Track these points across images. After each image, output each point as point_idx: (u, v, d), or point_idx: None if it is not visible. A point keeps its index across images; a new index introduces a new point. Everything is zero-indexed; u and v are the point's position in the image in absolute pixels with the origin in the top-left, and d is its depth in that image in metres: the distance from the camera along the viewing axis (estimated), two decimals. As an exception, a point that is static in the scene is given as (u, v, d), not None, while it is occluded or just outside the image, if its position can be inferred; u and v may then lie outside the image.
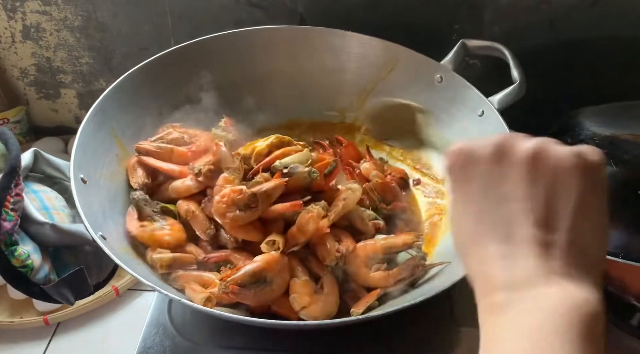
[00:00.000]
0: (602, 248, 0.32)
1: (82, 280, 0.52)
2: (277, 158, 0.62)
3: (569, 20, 0.82)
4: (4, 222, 0.47)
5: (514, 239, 0.31)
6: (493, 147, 0.33)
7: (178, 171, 0.65)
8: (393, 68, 0.78)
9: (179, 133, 0.69)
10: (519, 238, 0.31)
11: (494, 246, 0.31)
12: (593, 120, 0.67)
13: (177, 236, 0.60)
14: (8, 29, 1.04)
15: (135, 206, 0.61)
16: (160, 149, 0.66)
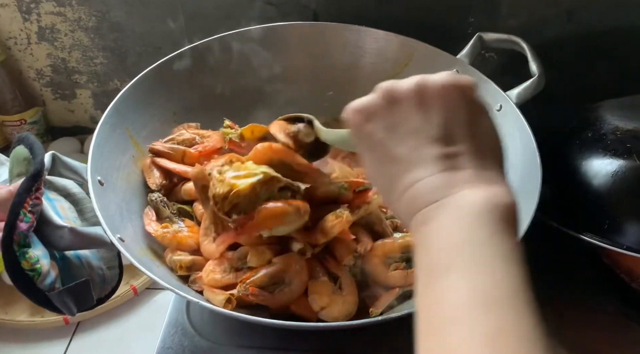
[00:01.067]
0: (498, 155, 0.36)
1: (86, 292, 0.52)
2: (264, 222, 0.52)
3: (587, 11, 0.81)
4: (21, 223, 0.47)
5: (423, 163, 0.34)
6: (381, 97, 0.37)
7: (176, 169, 0.65)
8: (408, 63, 0.77)
9: (190, 134, 0.69)
10: (427, 160, 0.34)
11: (408, 175, 0.35)
12: (615, 113, 0.66)
13: (196, 238, 0.60)
14: (24, 30, 1.05)
15: (154, 207, 0.61)
16: (172, 150, 0.66)
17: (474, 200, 0.32)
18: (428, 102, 0.36)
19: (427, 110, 0.35)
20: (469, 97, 0.36)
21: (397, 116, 0.36)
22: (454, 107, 0.35)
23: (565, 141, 0.68)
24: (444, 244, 0.32)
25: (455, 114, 0.35)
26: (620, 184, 0.60)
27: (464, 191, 0.33)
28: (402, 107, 0.36)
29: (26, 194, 0.48)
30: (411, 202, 0.35)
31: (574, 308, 0.66)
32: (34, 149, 0.53)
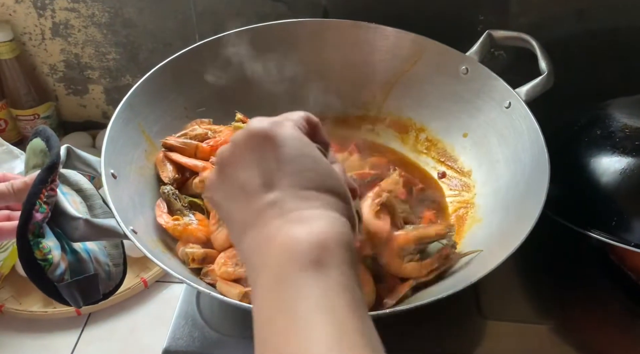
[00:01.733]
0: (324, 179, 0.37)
1: (94, 285, 0.53)
2: None
3: (599, 9, 0.81)
4: (37, 213, 0.48)
5: (253, 220, 0.35)
6: (215, 169, 0.39)
7: (201, 166, 0.66)
8: (417, 60, 0.77)
9: (203, 129, 0.70)
10: (255, 216, 0.35)
11: (246, 236, 0.36)
12: (624, 111, 0.66)
13: (207, 231, 0.61)
14: (38, 26, 1.06)
15: (165, 199, 0.62)
16: (185, 145, 0.67)
17: (287, 252, 0.33)
18: (241, 159, 0.37)
19: (243, 167, 0.37)
20: (272, 136, 0.36)
21: (227, 181, 0.38)
22: (261, 151, 0.36)
23: (574, 139, 0.68)
24: (265, 310, 0.32)
25: (264, 157, 0.36)
26: (628, 181, 0.60)
27: (279, 241, 0.33)
28: (228, 172, 0.38)
29: (42, 185, 0.49)
30: (250, 261, 0.35)
31: (581, 305, 0.66)
32: (51, 141, 0.54)
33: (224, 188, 0.38)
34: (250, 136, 0.37)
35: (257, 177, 0.36)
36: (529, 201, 0.59)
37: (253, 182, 0.36)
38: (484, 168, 0.72)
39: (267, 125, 0.37)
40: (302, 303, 0.30)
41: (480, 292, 0.64)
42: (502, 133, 0.70)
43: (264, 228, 0.35)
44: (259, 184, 0.36)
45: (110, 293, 0.57)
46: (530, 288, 0.67)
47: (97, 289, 0.54)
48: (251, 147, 0.37)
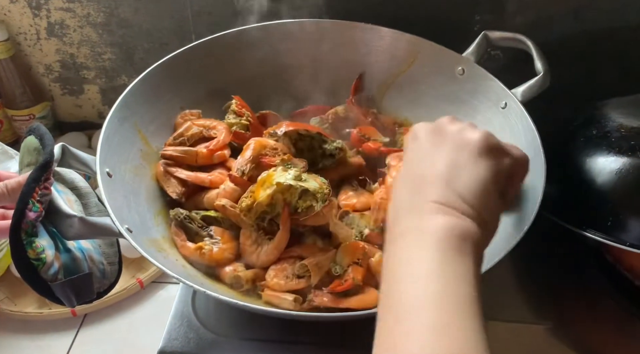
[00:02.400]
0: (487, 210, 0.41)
1: (88, 285, 0.53)
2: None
3: (594, 10, 0.81)
4: (30, 212, 0.48)
5: (421, 192, 0.41)
6: (433, 123, 0.46)
7: (209, 180, 0.65)
8: (414, 61, 0.77)
9: (197, 127, 0.69)
10: (425, 191, 0.41)
11: (408, 195, 0.42)
12: (620, 111, 0.66)
13: (232, 245, 0.60)
14: (33, 26, 1.06)
15: (180, 226, 0.61)
16: (186, 154, 0.67)
17: (435, 228, 0.38)
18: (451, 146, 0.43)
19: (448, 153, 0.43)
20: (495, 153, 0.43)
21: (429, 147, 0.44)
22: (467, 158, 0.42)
23: (570, 139, 0.68)
24: (405, 258, 0.37)
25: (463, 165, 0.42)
26: (624, 181, 0.60)
27: (433, 220, 0.39)
28: (442, 138, 0.44)
29: (35, 184, 0.49)
30: (395, 217, 0.41)
31: (577, 304, 0.66)
32: (45, 139, 0.53)
33: (427, 148, 0.44)
34: (479, 145, 0.42)
35: (449, 171, 0.41)
36: (526, 201, 0.59)
37: (444, 171, 0.41)
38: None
39: (495, 149, 0.43)
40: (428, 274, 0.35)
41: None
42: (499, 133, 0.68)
43: (425, 204, 0.40)
44: (445, 177, 0.41)
45: (105, 291, 0.57)
46: (527, 287, 0.67)
47: (91, 288, 0.53)
48: (469, 151, 0.42)
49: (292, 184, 0.56)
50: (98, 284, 0.55)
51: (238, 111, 0.71)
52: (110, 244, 0.59)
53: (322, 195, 0.56)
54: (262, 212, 0.58)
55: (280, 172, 0.58)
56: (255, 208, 0.58)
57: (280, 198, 0.57)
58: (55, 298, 0.51)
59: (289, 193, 0.57)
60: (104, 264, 0.56)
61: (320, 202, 0.56)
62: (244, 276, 0.58)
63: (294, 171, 0.58)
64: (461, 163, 0.41)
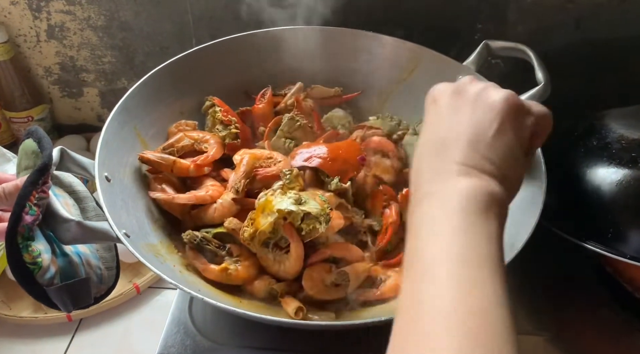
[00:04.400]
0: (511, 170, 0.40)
1: (85, 290, 0.52)
2: None
3: (595, 20, 0.81)
4: (26, 215, 0.48)
5: (444, 154, 0.40)
6: (453, 85, 0.45)
7: (209, 197, 0.62)
8: (414, 69, 0.77)
9: (189, 140, 0.67)
10: (448, 153, 0.40)
11: (431, 159, 0.41)
12: (620, 122, 0.66)
13: (253, 260, 0.59)
14: (33, 28, 1.06)
15: (197, 249, 0.59)
16: (163, 160, 0.64)
17: (462, 190, 0.37)
18: (474, 105, 0.42)
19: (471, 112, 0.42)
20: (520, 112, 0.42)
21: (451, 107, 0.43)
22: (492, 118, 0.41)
23: (570, 149, 0.68)
24: (429, 217, 0.37)
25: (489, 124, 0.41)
26: (624, 193, 0.60)
27: (458, 182, 0.38)
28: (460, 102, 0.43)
29: (32, 187, 0.48)
30: (418, 181, 0.40)
31: (576, 316, 0.66)
32: (43, 142, 0.53)
33: (450, 111, 0.42)
34: (502, 104, 0.41)
35: (473, 131, 0.40)
36: (526, 211, 0.59)
37: (468, 132, 0.40)
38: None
39: (518, 107, 0.42)
40: (454, 236, 0.35)
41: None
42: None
43: (449, 165, 0.39)
44: (469, 138, 0.40)
45: (102, 296, 0.56)
46: (526, 298, 0.67)
47: (89, 293, 0.53)
48: (493, 111, 0.41)
49: (294, 210, 0.55)
50: (95, 289, 0.54)
51: (225, 120, 0.69)
52: (108, 248, 0.59)
53: (325, 216, 0.55)
54: (266, 238, 0.57)
55: (279, 197, 0.57)
56: (258, 236, 0.57)
57: (281, 223, 0.56)
58: (52, 303, 0.50)
59: (291, 218, 0.56)
60: (101, 269, 0.56)
61: (324, 224, 0.55)
62: (279, 288, 0.57)
63: (293, 193, 0.57)
64: (484, 124, 0.40)
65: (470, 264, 0.33)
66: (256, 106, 0.74)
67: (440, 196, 0.38)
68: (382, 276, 0.59)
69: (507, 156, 0.40)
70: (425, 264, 0.34)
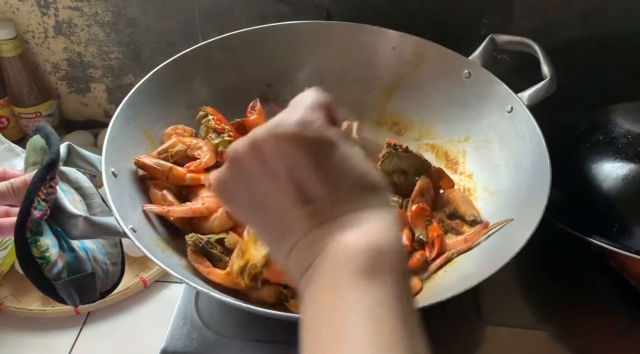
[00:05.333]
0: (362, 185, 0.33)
1: (91, 285, 0.53)
2: None
3: (602, 15, 0.80)
4: (35, 210, 0.48)
5: (290, 229, 0.32)
6: (230, 169, 0.34)
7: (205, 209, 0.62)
8: (420, 63, 0.77)
9: (182, 145, 0.67)
10: (293, 225, 0.32)
11: (283, 244, 0.33)
12: (626, 117, 0.66)
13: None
14: (41, 24, 1.06)
15: (204, 253, 0.58)
16: (158, 166, 0.64)
17: (340, 258, 0.31)
18: (268, 163, 0.32)
19: (270, 172, 0.32)
20: (304, 141, 0.32)
21: (249, 186, 0.33)
22: (293, 158, 0.32)
23: (576, 144, 0.68)
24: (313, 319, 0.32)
25: (297, 165, 0.32)
26: (630, 187, 0.60)
27: (330, 247, 0.31)
28: (247, 179, 0.33)
29: (41, 183, 0.49)
30: (294, 267, 0.33)
31: (581, 311, 0.66)
32: (51, 138, 0.53)
33: (243, 197, 0.34)
34: (277, 141, 0.32)
35: (289, 190, 0.32)
36: (530, 206, 0.59)
37: (285, 196, 0.32)
38: (485, 172, 0.71)
39: (295, 127, 0.32)
40: (351, 314, 0.29)
41: (480, 296, 0.64)
42: (504, 137, 0.70)
43: (306, 237, 0.32)
44: (293, 198, 0.32)
45: (107, 292, 0.56)
46: (530, 293, 0.67)
47: (95, 288, 0.53)
48: (278, 154, 0.32)
49: None
50: (101, 284, 0.55)
51: (219, 128, 0.69)
52: (113, 244, 0.59)
53: None
54: (257, 273, 0.54)
55: None
56: (248, 270, 0.53)
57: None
58: (59, 297, 0.51)
59: None
60: (107, 264, 0.56)
61: None
62: (288, 292, 0.57)
63: None
64: (293, 168, 0.32)
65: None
66: (248, 118, 0.73)
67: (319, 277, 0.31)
68: None
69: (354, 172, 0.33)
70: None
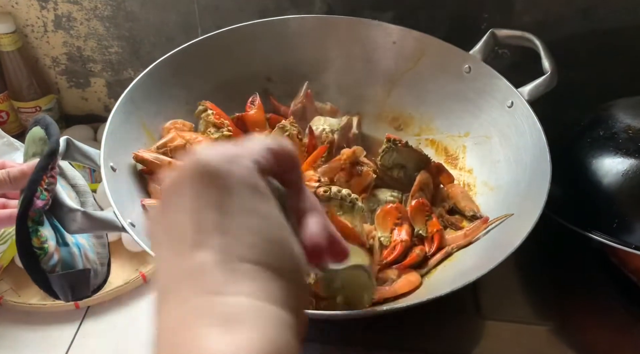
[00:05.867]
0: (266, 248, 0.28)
1: (85, 281, 0.53)
2: None
3: (603, 9, 0.80)
4: (37, 200, 0.48)
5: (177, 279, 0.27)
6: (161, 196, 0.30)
7: None
8: (420, 58, 0.77)
9: (182, 140, 0.67)
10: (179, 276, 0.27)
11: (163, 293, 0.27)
12: (627, 112, 0.65)
13: None
14: (40, 18, 1.06)
15: None
16: (158, 161, 0.64)
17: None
18: (180, 197, 0.28)
19: (180, 208, 0.28)
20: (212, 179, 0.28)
21: (164, 219, 0.29)
22: (200, 196, 0.28)
23: (577, 139, 0.68)
24: None
25: (202, 204, 0.28)
26: (630, 183, 0.60)
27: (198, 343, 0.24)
28: (166, 208, 0.29)
29: (43, 172, 0.49)
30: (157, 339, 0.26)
31: (580, 306, 0.66)
32: (50, 129, 0.53)
33: (160, 227, 0.29)
34: (196, 170, 0.28)
35: (191, 225, 0.27)
36: (530, 201, 0.58)
37: (186, 231, 0.27)
38: (485, 167, 0.71)
39: (218, 160, 0.28)
40: None
41: (479, 292, 0.64)
42: (504, 132, 0.70)
43: (181, 307, 0.26)
44: (191, 236, 0.27)
45: (93, 291, 0.56)
46: (530, 288, 0.67)
47: (88, 285, 0.53)
48: (193, 185, 0.28)
49: None
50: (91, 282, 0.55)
51: (218, 123, 0.69)
52: (102, 245, 0.59)
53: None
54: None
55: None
56: None
57: None
58: (51, 291, 0.50)
59: None
60: (97, 264, 0.56)
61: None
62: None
63: None
64: (199, 207, 0.28)
65: None
66: (247, 113, 0.73)
67: None
68: (393, 276, 0.60)
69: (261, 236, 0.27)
70: None
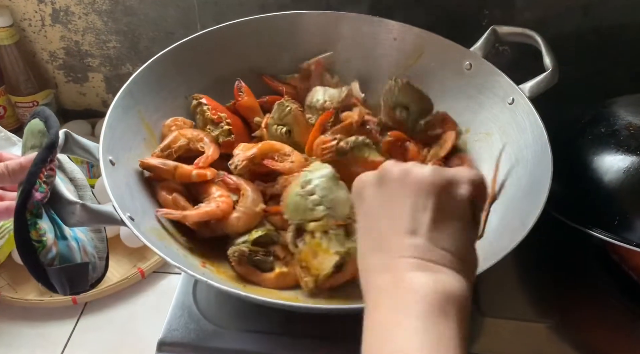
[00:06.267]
0: (461, 248, 0.38)
1: (83, 275, 0.52)
2: None
3: (604, 6, 0.80)
4: (36, 192, 0.48)
5: (388, 249, 0.38)
6: (375, 174, 0.41)
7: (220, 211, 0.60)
8: (421, 55, 0.76)
9: (184, 139, 0.66)
10: (391, 247, 0.38)
11: (375, 256, 0.39)
12: (628, 109, 0.65)
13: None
14: (38, 12, 1.05)
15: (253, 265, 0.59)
16: (164, 166, 0.63)
17: (418, 289, 0.35)
18: (406, 195, 0.39)
19: (404, 203, 0.39)
20: (439, 193, 0.39)
21: (380, 196, 0.41)
22: (427, 201, 0.39)
23: (578, 136, 0.67)
24: (386, 321, 0.35)
25: (425, 209, 0.38)
26: (631, 180, 0.60)
27: (410, 280, 0.36)
28: (389, 188, 0.40)
29: (42, 164, 0.48)
30: (369, 280, 0.39)
31: (581, 304, 0.66)
32: (49, 121, 0.53)
33: (374, 202, 0.41)
34: (430, 182, 0.39)
35: (409, 217, 0.38)
36: (531, 198, 0.58)
37: (404, 219, 0.38)
38: (486, 164, 0.71)
39: (447, 181, 0.39)
40: (412, 344, 0.33)
41: (479, 289, 0.64)
42: (505, 129, 0.69)
43: (396, 260, 0.37)
44: (409, 225, 0.38)
45: (91, 285, 0.56)
46: (530, 285, 0.67)
47: (86, 279, 0.53)
48: (422, 191, 0.39)
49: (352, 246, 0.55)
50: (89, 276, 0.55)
51: (215, 118, 0.68)
52: (101, 239, 0.59)
53: None
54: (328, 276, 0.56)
55: (327, 239, 0.56)
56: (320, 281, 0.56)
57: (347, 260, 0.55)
58: (49, 284, 0.50)
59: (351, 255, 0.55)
60: (95, 258, 0.56)
61: None
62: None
63: (336, 232, 0.56)
64: (419, 206, 0.38)
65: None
66: (238, 101, 0.72)
67: (395, 297, 0.36)
68: None
69: (454, 233, 0.38)
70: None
